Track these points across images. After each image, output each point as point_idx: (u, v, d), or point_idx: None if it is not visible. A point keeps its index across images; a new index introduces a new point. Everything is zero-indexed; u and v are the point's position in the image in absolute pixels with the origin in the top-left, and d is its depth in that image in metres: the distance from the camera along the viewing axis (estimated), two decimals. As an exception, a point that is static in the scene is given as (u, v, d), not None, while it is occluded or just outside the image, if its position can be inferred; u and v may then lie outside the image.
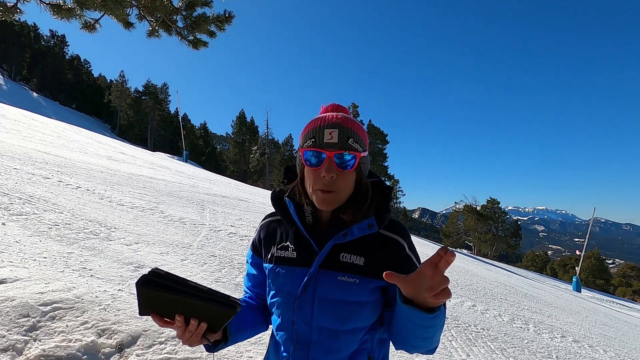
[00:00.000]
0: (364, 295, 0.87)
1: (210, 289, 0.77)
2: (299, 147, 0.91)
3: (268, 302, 0.98)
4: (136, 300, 0.79)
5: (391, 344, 0.93)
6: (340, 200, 0.87)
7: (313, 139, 0.85)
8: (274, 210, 1.03)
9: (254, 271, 1.06)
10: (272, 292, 0.96)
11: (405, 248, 0.92)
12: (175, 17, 4.69)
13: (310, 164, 0.85)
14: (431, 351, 0.85)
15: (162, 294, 0.74)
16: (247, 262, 1.09)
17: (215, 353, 0.92)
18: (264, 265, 1.00)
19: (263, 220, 1.06)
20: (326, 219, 0.93)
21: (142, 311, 0.80)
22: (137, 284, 0.73)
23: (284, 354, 0.93)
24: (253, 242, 1.06)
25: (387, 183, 1.02)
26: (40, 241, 3.17)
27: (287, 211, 0.94)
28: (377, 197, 0.93)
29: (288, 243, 0.95)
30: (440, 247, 0.65)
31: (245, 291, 1.11)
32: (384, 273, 0.67)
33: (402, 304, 0.71)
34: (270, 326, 1.05)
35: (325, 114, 0.89)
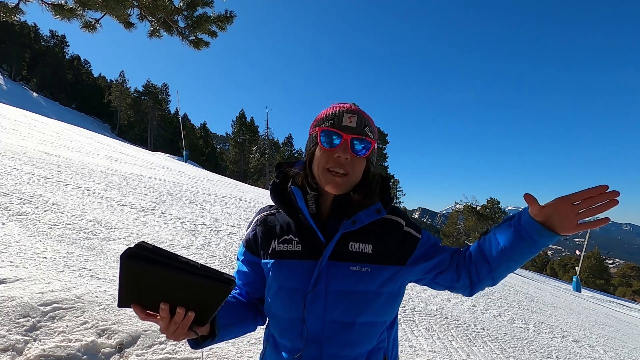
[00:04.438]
0: (376, 285, 0.86)
1: (203, 265, 0.66)
2: (313, 128, 0.91)
3: (267, 301, 0.92)
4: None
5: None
6: (350, 184, 0.87)
7: (332, 121, 0.86)
8: (268, 205, 1.02)
9: (245, 269, 0.99)
10: (273, 290, 0.89)
11: (402, 225, 0.93)
12: (176, 17, 4.69)
13: (327, 145, 0.85)
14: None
15: (149, 269, 0.62)
16: (238, 259, 1.02)
17: (202, 350, 0.88)
18: (263, 261, 0.94)
19: (258, 214, 1.00)
20: (329, 208, 0.90)
21: (122, 299, 0.67)
22: (121, 256, 0.61)
23: (286, 354, 0.88)
24: (247, 239, 0.99)
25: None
26: (40, 241, 3.17)
27: (290, 202, 0.91)
28: (378, 187, 0.95)
29: (291, 236, 0.90)
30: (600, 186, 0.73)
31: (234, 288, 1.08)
32: (524, 195, 0.77)
33: (537, 223, 0.78)
34: (257, 327, 0.99)
35: (342, 103, 0.91)
